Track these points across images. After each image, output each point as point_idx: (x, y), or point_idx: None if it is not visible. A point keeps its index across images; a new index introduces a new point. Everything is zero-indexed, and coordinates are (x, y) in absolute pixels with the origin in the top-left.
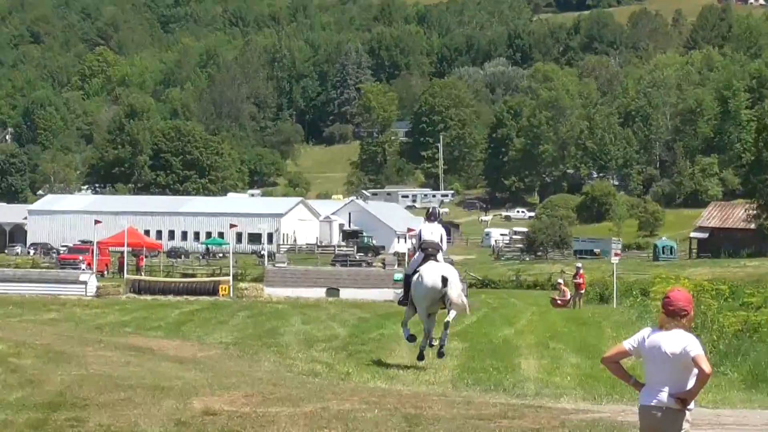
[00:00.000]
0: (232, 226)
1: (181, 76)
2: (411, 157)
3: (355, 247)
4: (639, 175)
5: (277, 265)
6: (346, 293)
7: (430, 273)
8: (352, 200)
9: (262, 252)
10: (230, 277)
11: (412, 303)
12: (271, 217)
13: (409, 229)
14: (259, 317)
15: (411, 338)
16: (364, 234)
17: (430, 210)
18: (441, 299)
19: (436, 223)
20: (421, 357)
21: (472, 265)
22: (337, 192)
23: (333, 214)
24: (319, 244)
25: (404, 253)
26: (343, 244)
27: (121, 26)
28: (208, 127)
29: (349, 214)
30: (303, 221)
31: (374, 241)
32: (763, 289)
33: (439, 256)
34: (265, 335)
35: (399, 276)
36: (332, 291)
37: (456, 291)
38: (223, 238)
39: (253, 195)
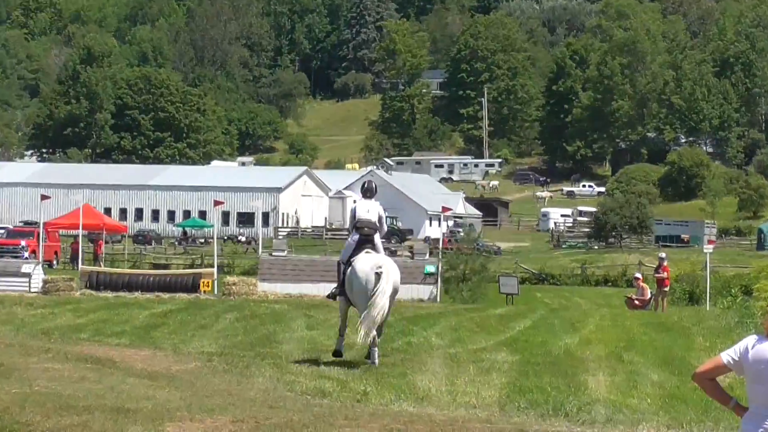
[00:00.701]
0: (217, 203)
1: (151, 10)
2: (447, 115)
3: None
4: (739, 140)
5: (274, 253)
6: None
7: (363, 265)
8: (370, 171)
9: (241, 237)
10: (214, 269)
11: (345, 297)
12: (267, 192)
13: (444, 208)
14: (252, 320)
15: (337, 354)
16: (387, 214)
17: (366, 184)
18: None
19: (373, 200)
20: (341, 349)
21: (524, 254)
22: (351, 160)
23: (346, 188)
24: (328, 226)
25: (438, 239)
26: None
27: None
28: (186, 77)
29: None
30: (308, 197)
31: (399, 224)
32: None
33: (377, 238)
34: (258, 343)
35: (431, 268)
36: None
37: (382, 296)
38: (205, 219)
39: (244, 164)
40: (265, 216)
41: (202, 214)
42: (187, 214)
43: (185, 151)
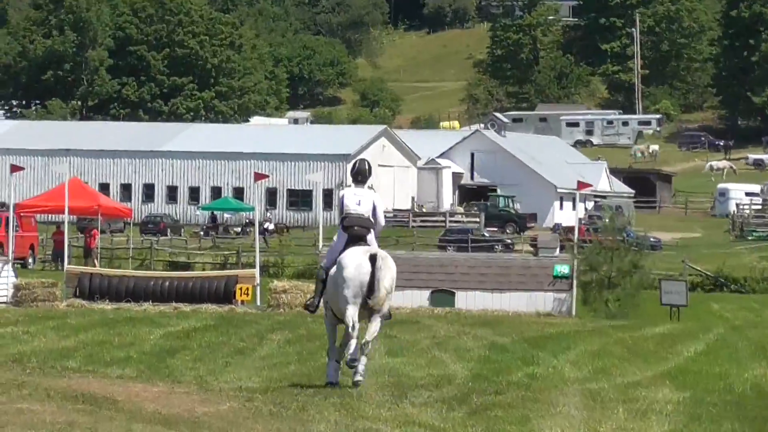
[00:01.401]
0: (258, 177)
1: None
2: (583, 53)
3: (483, 215)
4: None
5: None
6: (465, 298)
7: (353, 256)
8: (476, 131)
9: (268, 224)
10: (256, 270)
11: (331, 310)
12: (330, 161)
13: (581, 184)
14: (309, 343)
15: (332, 386)
16: (499, 193)
17: (357, 165)
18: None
19: (366, 187)
20: (334, 379)
21: (695, 248)
22: (449, 116)
23: (442, 155)
24: (416, 209)
25: (572, 228)
26: (461, 209)
27: None
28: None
29: (472, 155)
30: (388, 169)
31: (517, 206)
32: None
33: (370, 238)
34: (319, 376)
35: (563, 269)
36: (441, 295)
37: (387, 282)
38: (242, 199)
39: (296, 121)
40: (327, 195)
41: (238, 193)
42: (216, 192)
43: (213, 103)
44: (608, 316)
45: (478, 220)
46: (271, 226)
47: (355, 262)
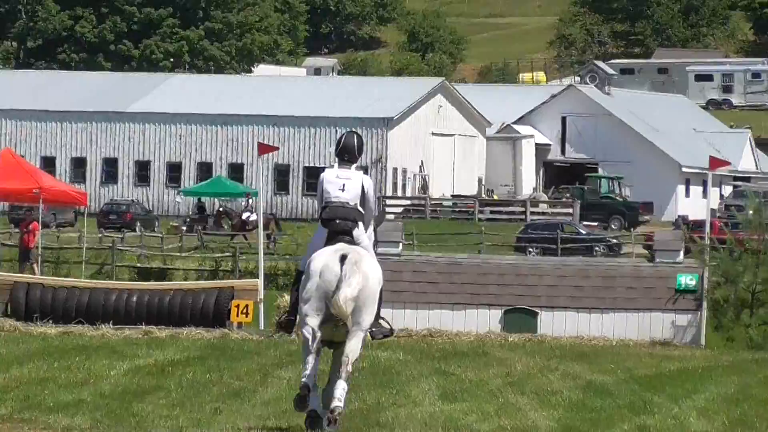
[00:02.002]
0: (264, 149)
1: None
2: None
3: (579, 204)
4: None
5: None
6: (552, 321)
7: (320, 258)
8: (569, 86)
9: (248, 215)
10: (259, 281)
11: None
12: (366, 126)
13: (716, 161)
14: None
15: (300, 401)
16: (601, 173)
17: (343, 140)
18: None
19: (353, 168)
20: (311, 424)
21: None
22: (531, 65)
23: (521, 120)
24: (486, 195)
25: (701, 222)
26: (547, 196)
27: None
28: None
29: (563, 121)
30: (446, 138)
31: (626, 192)
32: None
33: (358, 233)
34: (344, 428)
35: (688, 280)
36: (518, 316)
37: (350, 289)
38: (242, 180)
39: (319, 71)
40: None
41: (236, 170)
42: (204, 170)
43: (201, 45)
44: (751, 347)
45: (571, 211)
46: (253, 217)
47: (320, 265)
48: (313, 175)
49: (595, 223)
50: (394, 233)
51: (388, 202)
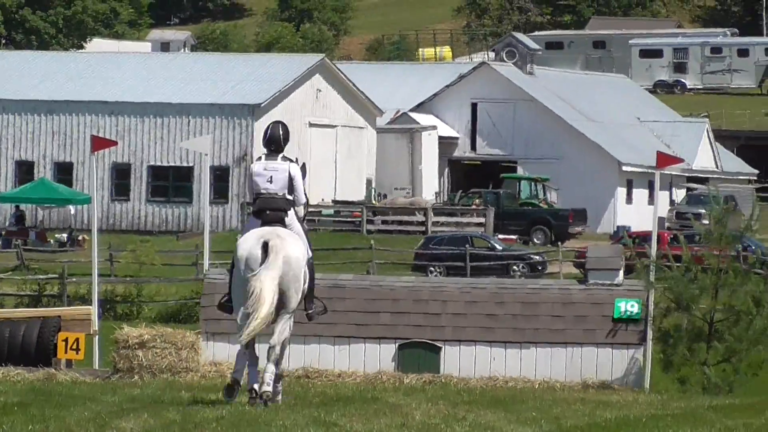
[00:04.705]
0: (100, 144)
1: None
2: None
3: (493, 212)
4: None
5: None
6: (458, 357)
7: (244, 245)
8: (481, 64)
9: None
10: (93, 308)
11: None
12: (226, 116)
13: (666, 158)
14: None
15: (229, 391)
16: (522, 174)
17: (270, 130)
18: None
19: (280, 158)
20: (230, 392)
21: None
22: (434, 38)
23: (420, 107)
24: (377, 200)
25: (647, 233)
26: (454, 202)
27: None
28: None
29: (473, 108)
30: (325, 130)
31: (553, 196)
32: None
33: (290, 221)
34: None
35: (630, 307)
36: (417, 351)
37: (266, 273)
38: (71, 183)
39: (168, 46)
40: (220, 176)
41: (64, 170)
42: (24, 169)
43: (20, 15)
44: (708, 390)
45: (483, 221)
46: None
47: (245, 254)
48: (160, 176)
49: (514, 236)
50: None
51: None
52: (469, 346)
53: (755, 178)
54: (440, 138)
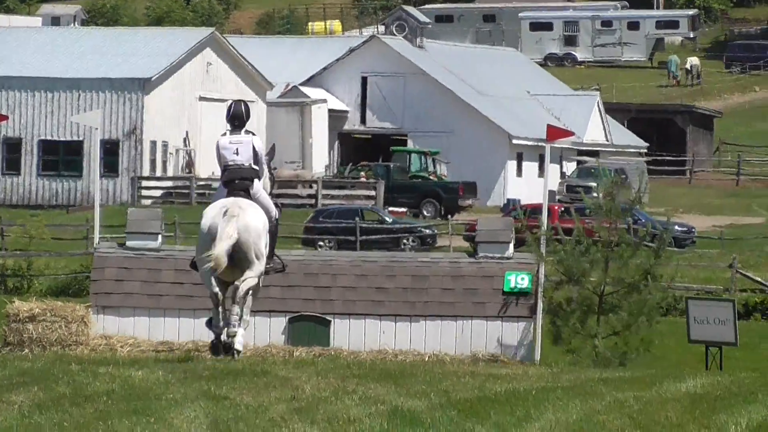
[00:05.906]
0: None
1: None
2: None
3: (383, 185)
4: None
5: (125, 243)
6: (348, 331)
7: (208, 214)
8: (372, 38)
9: None
10: None
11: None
12: (116, 90)
13: (555, 131)
14: (76, 408)
15: (214, 349)
16: (411, 147)
17: (233, 108)
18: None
19: (243, 132)
20: (215, 350)
21: (752, 244)
22: (324, 12)
23: (310, 81)
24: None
25: (537, 206)
26: (344, 175)
27: None
28: None
29: (363, 82)
30: (215, 104)
31: (443, 169)
32: None
33: (256, 190)
34: None
35: (520, 280)
36: (306, 324)
37: (222, 241)
38: None
39: (58, 21)
40: (110, 150)
41: None
42: None
43: None
44: (598, 363)
45: (373, 193)
46: None
47: (209, 222)
48: (51, 150)
49: (404, 209)
50: (151, 222)
51: (144, 184)
52: (359, 320)
53: (645, 150)
54: (330, 111)
